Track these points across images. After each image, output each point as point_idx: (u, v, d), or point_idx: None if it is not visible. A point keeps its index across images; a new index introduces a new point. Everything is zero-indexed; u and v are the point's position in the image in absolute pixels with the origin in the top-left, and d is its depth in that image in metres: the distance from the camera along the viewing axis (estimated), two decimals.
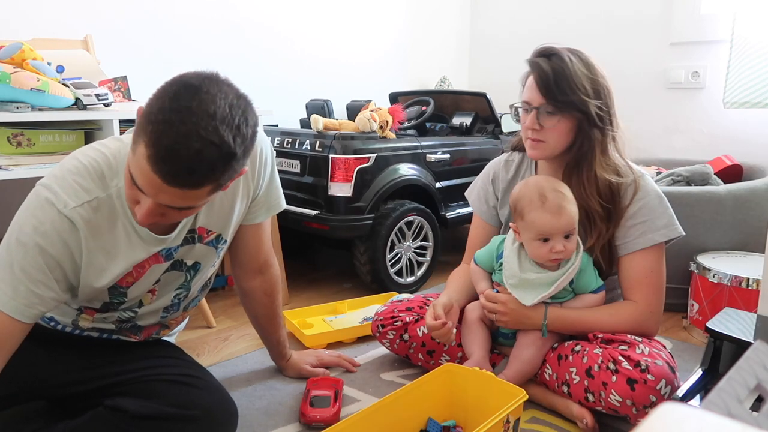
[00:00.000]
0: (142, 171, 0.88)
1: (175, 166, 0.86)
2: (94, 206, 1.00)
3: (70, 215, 0.98)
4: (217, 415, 1.16)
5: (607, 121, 1.35)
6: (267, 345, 1.54)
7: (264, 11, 2.64)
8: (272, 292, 1.43)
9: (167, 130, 0.85)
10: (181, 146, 0.85)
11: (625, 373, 1.21)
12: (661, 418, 0.36)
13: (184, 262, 1.19)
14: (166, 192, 0.89)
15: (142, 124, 0.88)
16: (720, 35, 2.59)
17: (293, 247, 2.54)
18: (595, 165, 1.34)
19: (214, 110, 0.86)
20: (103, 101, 1.62)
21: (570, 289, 1.37)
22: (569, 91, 1.30)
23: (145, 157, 0.87)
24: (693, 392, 1.21)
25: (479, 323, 1.45)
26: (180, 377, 1.18)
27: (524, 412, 1.29)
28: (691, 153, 2.71)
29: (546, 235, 1.30)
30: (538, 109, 1.33)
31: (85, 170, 1.01)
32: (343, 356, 1.62)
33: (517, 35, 3.35)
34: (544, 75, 1.31)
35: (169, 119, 0.85)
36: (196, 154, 0.86)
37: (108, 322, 1.20)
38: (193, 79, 0.89)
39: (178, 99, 0.87)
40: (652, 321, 1.36)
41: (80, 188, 0.99)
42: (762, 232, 1.93)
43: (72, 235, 0.99)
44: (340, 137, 2.12)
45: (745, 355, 0.54)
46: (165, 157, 0.86)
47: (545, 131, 1.33)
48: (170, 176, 0.87)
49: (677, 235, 1.36)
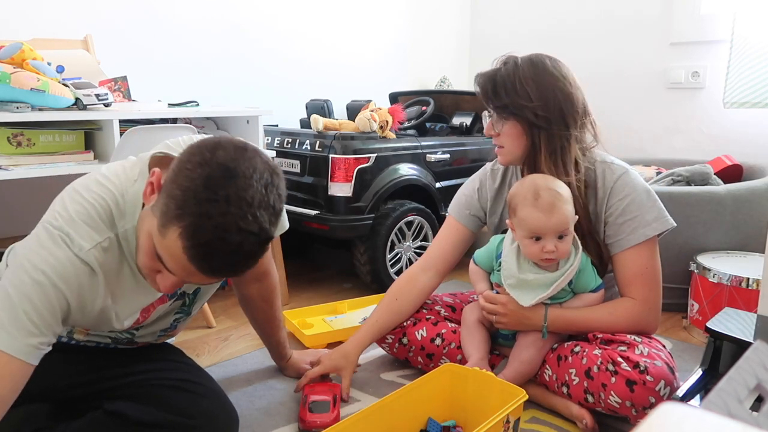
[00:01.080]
0: (175, 259, 0.85)
1: (215, 263, 0.84)
2: (104, 247, 0.95)
3: (86, 258, 0.92)
4: (218, 423, 1.16)
5: (559, 123, 1.34)
6: (267, 345, 1.54)
7: (264, 11, 2.64)
8: (270, 298, 1.43)
9: (205, 224, 0.81)
10: (222, 242, 0.81)
11: (624, 375, 1.21)
12: (661, 418, 0.36)
13: (185, 292, 1.17)
14: (202, 278, 0.87)
15: (172, 209, 0.83)
16: (720, 35, 2.58)
17: (293, 247, 2.54)
18: (541, 166, 1.36)
19: (252, 196, 0.83)
20: (103, 101, 1.62)
21: (569, 289, 1.37)
22: (504, 95, 1.36)
23: (181, 249, 0.83)
24: (693, 392, 1.21)
25: (478, 324, 1.45)
26: (181, 383, 1.17)
27: (524, 412, 1.29)
28: (691, 153, 2.71)
29: (537, 233, 1.30)
30: (491, 117, 1.41)
31: (93, 210, 0.95)
32: None
33: (517, 35, 3.35)
34: (482, 84, 1.40)
35: (206, 212, 0.81)
36: (238, 247, 0.83)
37: (103, 337, 1.18)
38: (226, 158, 0.83)
39: (213, 186, 0.81)
40: (652, 316, 1.36)
41: (91, 229, 0.93)
42: (762, 232, 1.93)
43: (90, 279, 0.93)
44: (340, 137, 2.12)
45: (745, 355, 0.54)
46: (205, 255, 0.83)
47: (502, 137, 1.41)
48: (210, 271, 0.85)
49: (668, 227, 1.35)
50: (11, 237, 1.89)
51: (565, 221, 1.29)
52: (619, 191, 1.36)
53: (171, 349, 1.33)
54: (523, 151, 1.39)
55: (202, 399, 1.16)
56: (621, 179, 1.37)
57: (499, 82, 1.37)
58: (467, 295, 1.67)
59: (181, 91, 2.23)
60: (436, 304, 1.62)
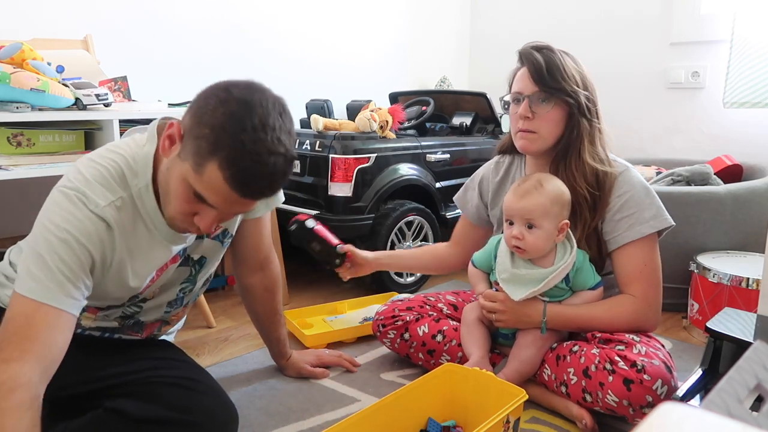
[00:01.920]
0: (217, 190, 0.93)
1: (258, 185, 0.94)
2: (118, 206, 1.01)
3: (102, 215, 0.98)
4: (218, 420, 1.16)
5: (594, 114, 1.39)
6: (267, 343, 1.54)
7: (264, 11, 2.64)
8: (273, 288, 1.44)
9: (241, 152, 0.90)
10: (259, 165, 0.91)
11: (621, 374, 1.21)
12: (661, 418, 0.36)
13: (191, 257, 1.22)
14: (242, 204, 0.97)
15: (205, 147, 0.91)
16: (720, 35, 2.58)
17: (293, 247, 2.54)
18: (584, 153, 1.37)
19: (273, 122, 0.93)
20: (103, 101, 1.62)
21: (567, 287, 1.37)
22: (561, 79, 1.34)
23: (222, 179, 0.91)
24: (693, 392, 1.21)
25: (478, 323, 1.45)
26: (181, 380, 1.17)
27: (524, 412, 1.29)
28: (691, 153, 2.71)
29: (507, 215, 1.35)
30: (530, 98, 1.35)
31: (106, 171, 1.01)
32: (344, 356, 1.62)
33: (517, 35, 3.34)
34: (537, 63, 1.34)
35: (240, 141, 0.90)
36: (272, 167, 0.93)
37: (111, 320, 1.21)
38: (241, 94, 0.93)
39: (239, 119, 0.91)
40: (651, 314, 1.36)
41: (105, 189, 1.00)
42: (762, 232, 1.92)
43: (108, 234, 1.00)
44: (340, 137, 2.12)
45: (745, 355, 0.54)
46: (247, 179, 0.92)
47: (537, 120, 1.36)
48: (254, 193, 0.95)
49: (667, 226, 1.36)
50: (11, 237, 1.89)
51: (531, 210, 1.31)
52: (618, 188, 1.37)
53: (171, 348, 1.34)
54: (555, 139, 1.38)
55: (201, 396, 1.17)
56: (621, 176, 1.38)
57: (554, 63, 1.34)
58: (470, 295, 1.67)
59: (181, 91, 2.22)
60: (439, 301, 1.62)
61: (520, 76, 1.39)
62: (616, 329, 1.34)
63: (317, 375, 1.54)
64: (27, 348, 0.90)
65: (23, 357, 0.89)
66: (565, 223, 1.34)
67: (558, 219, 1.33)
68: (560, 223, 1.33)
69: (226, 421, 1.18)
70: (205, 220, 0.99)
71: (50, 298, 0.93)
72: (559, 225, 1.33)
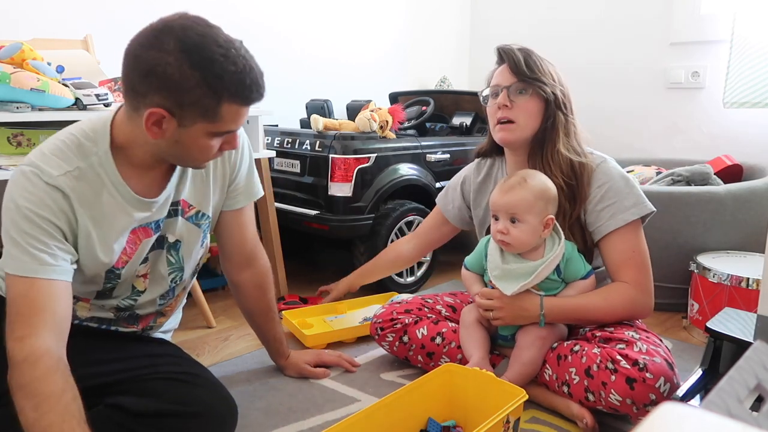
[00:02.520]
0: (235, 116, 1.03)
1: (253, 86, 1.02)
2: (75, 176, 1.05)
3: (56, 183, 1.02)
4: (217, 411, 1.17)
5: (570, 110, 1.44)
6: (264, 342, 1.54)
7: (264, 11, 2.64)
8: (263, 285, 1.44)
9: (236, 76, 0.99)
10: (251, 71, 1.01)
11: (623, 372, 1.21)
12: (661, 418, 0.36)
13: (166, 238, 1.22)
14: (244, 115, 1.06)
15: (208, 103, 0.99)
16: (720, 35, 2.58)
17: (293, 247, 2.54)
18: (559, 144, 1.41)
19: (236, 45, 1.01)
20: (103, 101, 1.62)
21: (559, 279, 1.38)
22: (538, 71, 1.41)
23: (237, 105, 1.02)
24: (693, 392, 1.21)
25: (477, 325, 1.45)
26: (180, 375, 1.19)
27: (524, 412, 1.29)
28: (691, 153, 2.71)
29: (493, 210, 1.39)
30: (508, 89, 1.41)
31: (62, 144, 1.06)
32: (344, 356, 1.62)
33: (517, 35, 3.34)
34: (516, 57, 1.42)
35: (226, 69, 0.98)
36: (258, 72, 1.04)
37: (105, 311, 1.21)
38: (194, 26, 0.99)
39: (210, 60, 0.97)
40: (646, 299, 1.38)
41: (60, 160, 1.04)
42: (762, 232, 1.92)
43: (65, 202, 1.04)
44: (340, 137, 2.12)
45: (745, 355, 0.54)
46: (248, 89, 1.01)
47: (516, 110, 1.41)
48: (255, 95, 1.04)
49: (648, 212, 1.39)
50: None
51: (514, 204, 1.34)
52: (597, 179, 1.40)
53: (169, 345, 1.35)
54: (533, 131, 1.42)
55: (200, 389, 1.18)
56: (599, 168, 1.41)
57: (531, 58, 1.42)
58: (467, 295, 1.67)
59: None
60: (437, 303, 1.62)
61: (499, 71, 1.45)
62: (614, 317, 1.36)
63: (318, 375, 1.54)
64: (34, 322, 0.97)
65: (34, 331, 0.96)
66: (550, 218, 1.36)
67: (543, 214, 1.34)
68: (545, 218, 1.35)
69: (225, 414, 1.19)
70: (232, 141, 1.10)
71: (34, 271, 0.99)
72: (544, 220, 1.35)
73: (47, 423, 0.89)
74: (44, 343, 0.95)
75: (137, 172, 1.11)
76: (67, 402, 0.92)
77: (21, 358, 0.93)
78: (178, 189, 1.20)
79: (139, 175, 1.12)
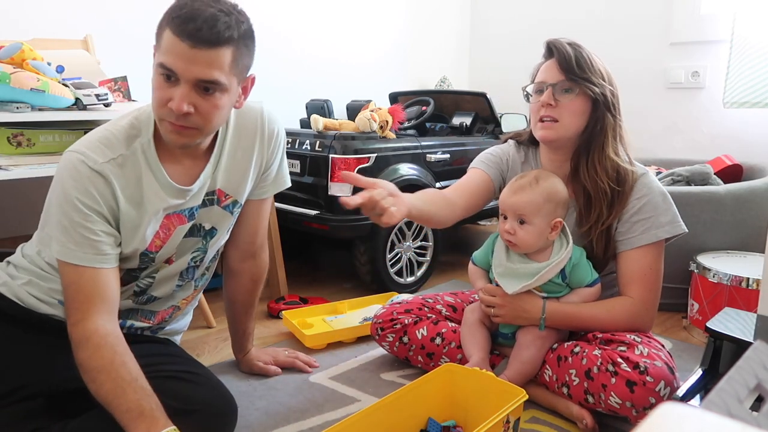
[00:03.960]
0: (170, 48, 1.02)
1: (197, 23, 1.00)
2: (119, 162, 1.12)
3: (100, 170, 1.09)
4: (216, 409, 1.18)
5: (618, 111, 1.38)
6: (232, 333, 1.55)
7: (264, 11, 2.64)
8: (258, 279, 1.48)
9: (185, 5, 1.02)
10: (199, 10, 1.01)
11: (624, 375, 1.21)
12: (661, 418, 0.36)
13: (202, 227, 1.27)
14: (194, 60, 1.02)
15: (159, 27, 1.04)
16: (720, 35, 2.59)
17: (293, 247, 2.54)
18: (607, 148, 1.36)
19: None
20: (103, 101, 1.62)
21: (564, 284, 1.38)
22: (588, 70, 1.34)
23: (171, 30, 1.01)
24: (693, 392, 1.21)
25: (479, 324, 1.45)
26: (180, 373, 1.19)
27: (524, 412, 1.29)
28: (691, 153, 2.71)
29: (502, 209, 1.38)
30: (553, 86, 1.34)
31: (109, 133, 1.13)
32: (301, 356, 1.61)
33: (517, 35, 3.35)
34: (566, 53, 1.34)
35: (184, 3, 1.02)
36: (213, 15, 1.01)
37: (125, 298, 1.22)
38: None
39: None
40: (647, 317, 1.37)
41: (105, 147, 1.11)
42: (762, 232, 1.93)
43: (107, 188, 1.10)
44: (340, 137, 2.12)
45: (745, 355, 0.54)
46: (187, 18, 1.00)
47: (560, 109, 1.34)
48: (195, 32, 1.00)
49: (680, 232, 1.36)
50: (11, 237, 1.89)
51: (522, 206, 1.33)
52: (638, 191, 1.37)
53: (170, 345, 1.35)
54: (577, 131, 1.37)
55: (201, 387, 1.18)
56: (641, 179, 1.39)
57: (582, 55, 1.35)
58: (468, 295, 1.67)
59: None
60: (437, 303, 1.62)
61: (546, 66, 1.37)
62: (613, 330, 1.35)
63: (269, 372, 1.54)
64: (86, 308, 1.08)
65: (86, 316, 1.07)
66: (558, 221, 1.34)
67: (551, 216, 1.34)
68: (553, 220, 1.34)
69: (225, 412, 1.19)
70: (176, 96, 1.05)
71: (81, 259, 1.08)
72: (552, 222, 1.34)
73: (104, 392, 1.02)
74: (95, 324, 1.06)
75: (174, 159, 1.17)
76: (116, 369, 1.03)
77: (77, 340, 1.06)
78: (214, 178, 1.24)
79: (176, 162, 1.18)
